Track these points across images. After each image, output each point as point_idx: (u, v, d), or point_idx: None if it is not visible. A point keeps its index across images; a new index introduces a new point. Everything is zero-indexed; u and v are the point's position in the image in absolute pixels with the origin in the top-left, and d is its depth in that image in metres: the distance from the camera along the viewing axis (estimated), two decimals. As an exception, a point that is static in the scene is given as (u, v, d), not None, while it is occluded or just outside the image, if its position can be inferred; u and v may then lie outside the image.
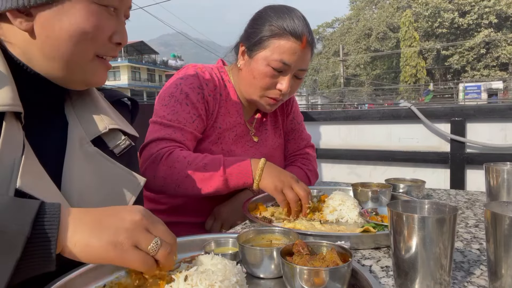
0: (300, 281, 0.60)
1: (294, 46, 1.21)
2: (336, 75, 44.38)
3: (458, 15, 35.23)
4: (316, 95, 37.77)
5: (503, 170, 1.02)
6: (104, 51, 0.77)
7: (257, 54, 1.25)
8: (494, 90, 22.75)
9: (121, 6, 0.77)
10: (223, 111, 1.33)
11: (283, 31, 1.21)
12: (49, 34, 0.72)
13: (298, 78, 1.31)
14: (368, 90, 41.61)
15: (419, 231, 0.60)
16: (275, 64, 1.22)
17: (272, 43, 1.22)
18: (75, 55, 0.73)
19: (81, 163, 0.77)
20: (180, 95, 1.25)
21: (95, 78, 0.79)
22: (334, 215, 1.07)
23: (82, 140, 0.79)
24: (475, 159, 1.90)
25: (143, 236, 0.57)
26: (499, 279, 0.60)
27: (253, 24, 1.30)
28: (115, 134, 0.86)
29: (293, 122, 1.56)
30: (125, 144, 0.86)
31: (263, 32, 1.24)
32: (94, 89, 0.88)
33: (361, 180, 1.24)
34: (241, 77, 1.33)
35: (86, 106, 0.84)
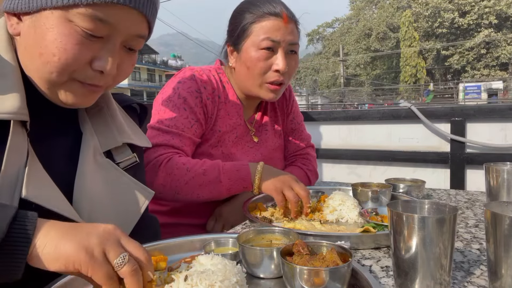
0: (300, 281, 0.60)
1: (277, 23, 1.22)
2: (336, 75, 44.39)
3: (458, 15, 35.23)
4: (316, 95, 37.77)
5: (503, 170, 1.02)
6: (82, 76, 0.70)
7: (243, 45, 1.26)
8: (494, 90, 22.75)
9: (114, 34, 0.70)
10: (222, 113, 1.32)
11: (261, 14, 1.23)
12: (26, 45, 0.69)
13: (293, 53, 1.28)
14: (368, 90, 41.61)
15: (419, 231, 0.60)
16: (264, 43, 1.22)
17: (254, 28, 1.23)
18: (46, 73, 0.68)
19: (94, 173, 0.77)
20: (178, 99, 1.24)
21: (71, 100, 0.72)
22: (334, 215, 1.07)
23: (96, 151, 0.79)
24: (475, 159, 1.90)
25: (113, 247, 0.55)
26: (499, 279, 0.60)
27: (232, 22, 1.31)
28: (124, 148, 0.86)
29: (293, 122, 1.56)
30: (131, 161, 0.86)
31: (242, 22, 1.25)
32: (112, 99, 0.88)
33: (361, 180, 1.24)
34: (236, 75, 1.33)
35: (102, 117, 0.84)
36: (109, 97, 0.87)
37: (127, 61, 0.76)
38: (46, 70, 0.68)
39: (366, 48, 43.22)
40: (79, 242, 0.53)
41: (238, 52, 1.28)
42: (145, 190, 0.86)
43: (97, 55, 0.70)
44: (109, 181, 0.79)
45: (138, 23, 0.72)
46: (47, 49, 0.66)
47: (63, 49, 0.66)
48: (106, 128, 0.83)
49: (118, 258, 0.54)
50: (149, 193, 0.86)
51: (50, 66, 0.67)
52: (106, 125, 0.83)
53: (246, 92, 1.34)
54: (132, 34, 0.73)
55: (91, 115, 0.83)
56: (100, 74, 0.71)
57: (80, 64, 0.69)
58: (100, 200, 0.77)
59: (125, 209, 0.81)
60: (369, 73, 43.63)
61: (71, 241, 0.53)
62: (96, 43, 0.69)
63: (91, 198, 0.75)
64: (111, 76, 0.73)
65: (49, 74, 0.68)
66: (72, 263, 0.53)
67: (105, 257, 0.54)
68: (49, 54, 0.66)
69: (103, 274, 0.53)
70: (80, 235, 0.54)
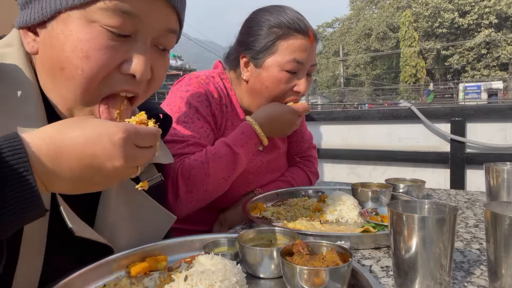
0: (300, 281, 0.60)
1: (303, 43, 1.17)
2: (336, 75, 44.39)
3: (458, 15, 35.24)
4: (316, 95, 37.77)
5: (503, 170, 1.02)
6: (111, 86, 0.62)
7: (266, 61, 1.19)
8: (494, 90, 22.75)
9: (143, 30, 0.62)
10: (229, 124, 1.28)
11: (287, 30, 1.17)
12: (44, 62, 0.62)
13: (309, 75, 1.26)
14: (368, 90, 41.62)
15: (419, 231, 0.60)
16: (289, 66, 1.17)
17: (280, 46, 1.17)
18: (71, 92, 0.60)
19: (117, 195, 0.75)
20: (190, 110, 1.18)
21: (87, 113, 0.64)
22: (334, 215, 1.07)
23: None
24: (475, 159, 1.90)
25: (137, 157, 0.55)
26: (499, 279, 0.60)
27: (249, 32, 1.23)
28: (150, 168, 0.82)
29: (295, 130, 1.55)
30: (157, 180, 0.82)
31: (265, 37, 1.18)
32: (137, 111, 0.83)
33: (361, 180, 1.24)
34: (250, 89, 1.26)
35: None
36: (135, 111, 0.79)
37: (160, 62, 0.68)
38: (71, 89, 0.60)
39: (366, 48, 43.21)
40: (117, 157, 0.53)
41: (257, 67, 1.22)
42: (168, 216, 0.83)
43: (126, 57, 0.61)
44: (132, 205, 0.77)
45: (168, 15, 0.65)
46: (69, 62, 0.58)
47: (87, 57, 0.58)
48: None
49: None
50: (171, 218, 0.84)
51: (75, 82, 0.59)
52: None
53: (252, 106, 1.29)
54: (162, 28, 0.65)
55: None
56: (132, 79, 0.63)
57: (109, 71, 0.60)
58: (122, 223, 0.75)
59: (147, 234, 0.79)
60: (369, 73, 43.63)
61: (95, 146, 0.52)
62: (124, 44, 0.61)
63: (113, 219, 0.73)
64: (145, 82, 0.65)
65: (75, 93, 0.60)
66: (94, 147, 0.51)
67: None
68: (72, 67, 0.58)
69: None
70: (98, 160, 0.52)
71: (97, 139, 0.51)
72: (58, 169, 0.49)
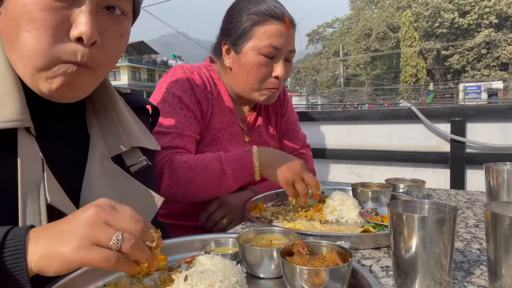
0: (300, 281, 0.60)
1: (279, 28, 1.21)
2: (336, 75, 44.39)
3: (458, 15, 35.24)
4: (316, 95, 37.79)
5: (503, 170, 1.02)
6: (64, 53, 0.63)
7: (244, 47, 1.23)
8: (494, 90, 22.75)
9: None
10: (216, 110, 1.30)
11: (263, 16, 1.21)
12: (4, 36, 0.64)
13: (288, 61, 1.29)
14: (368, 90, 41.61)
15: (419, 231, 0.60)
16: (266, 50, 1.21)
17: (257, 31, 1.21)
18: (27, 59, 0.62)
19: (101, 179, 0.74)
20: (173, 99, 1.22)
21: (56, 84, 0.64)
22: (334, 215, 1.07)
23: (103, 156, 0.76)
24: (475, 159, 1.90)
25: (102, 232, 0.53)
26: (499, 279, 0.60)
27: (230, 19, 1.28)
28: (134, 152, 0.82)
29: (288, 122, 1.55)
30: (142, 164, 0.83)
31: (243, 23, 1.23)
32: (119, 99, 0.84)
33: (361, 180, 1.24)
34: (233, 75, 1.31)
35: (110, 119, 0.80)
36: (115, 97, 0.82)
37: (113, 28, 0.67)
38: (26, 54, 0.62)
39: (366, 48, 43.21)
40: (68, 243, 0.52)
41: (237, 53, 1.26)
42: (155, 197, 0.83)
43: (72, 20, 0.62)
44: (117, 188, 0.77)
45: None
46: (21, 29, 0.60)
47: (33, 19, 0.60)
48: (113, 132, 0.79)
49: (112, 241, 0.52)
50: (159, 199, 0.83)
51: (28, 46, 0.61)
52: (113, 127, 0.79)
53: (241, 93, 1.32)
54: None
55: (98, 117, 0.79)
56: (82, 45, 0.63)
57: (58, 35, 0.61)
58: None
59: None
60: (369, 73, 43.63)
61: (60, 245, 0.52)
62: (68, 7, 0.62)
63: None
64: (97, 48, 0.64)
65: (30, 57, 0.62)
66: (70, 264, 0.52)
67: (98, 245, 0.52)
68: (24, 32, 0.60)
69: (104, 261, 0.52)
70: (66, 236, 0.53)
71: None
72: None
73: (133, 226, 0.55)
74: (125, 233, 0.53)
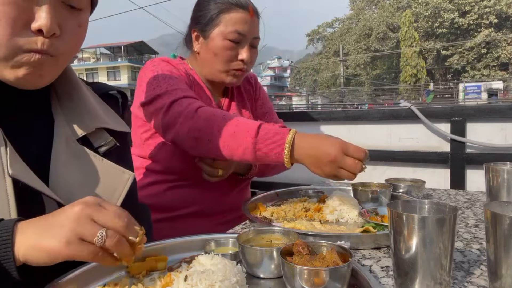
0: (300, 281, 0.60)
1: (244, 16, 1.29)
2: (336, 75, 44.39)
3: (458, 15, 35.22)
4: (316, 95, 37.81)
5: (503, 170, 1.02)
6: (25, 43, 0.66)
7: (211, 33, 1.31)
8: (494, 90, 22.73)
9: None
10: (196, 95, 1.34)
11: (229, 5, 1.29)
12: None
13: (254, 47, 1.36)
14: (368, 90, 41.61)
15: (419, 231, 0.60)
16: (232, 36, 1.28)
17: (223, 18, 1.29)
18: None
19: (68, 161, 0.76)
20: (160, 74, 1.25)
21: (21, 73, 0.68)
22: (334, 215, 1.07)
23: (68, 139, 0.78)
24: (475, 159, 1.90)
25: (87, 228, 0.56)
26: (499, 279, 0.60)
27: (199, 8, 1.35)
28: (101, 133, 0.85)
29: (263, 106, 1.61)
30: (110, 145, 0.85)
31: (211, 11, 1.30)
32: (82, 85, 0.86)
33: (361, 180, 1.24)
34: (201, 60, 1.37)
35: (73, 105, 0.83)
36: (77, 83, 0.85)
37: (72, 20, 0.71)
38: None
39: (366, 48, 43.21)
40: (54, 236, 0.56)
41: (205, 38, 1.33)
42: (125, 173, 0.83)
43: (32, 14, 0.66)
44: (84, 167, 0.79)
45: None
46: None
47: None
48: (77, 115, 0.82)
49: (96, 237, 0.56)
50: (129, 175, 0.84)
51: None
52: (77, 112, 0.82)
53: (209, 76, 1.38)
54: None
55: (62, 103, 0.82)
56: (41, 36, 0.67)
57: (18, 27, 0.65)
58: (77, 187, 0.76)
59: (105, 192, 0.80)
60: (369, 73, 43.62)
61: (47, 238, 0.56)
62: (29, 1, 0.65)
63: (67, 186, 0.75)
64: (57, 39, 0.69)
65: None
66: (57, 257, 0.56)
67: (84, 240, 0.56)
68: None
69: (88, 255, 0.56)
70: (54, 230, 0.56)
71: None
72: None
73: (117, 223, 0.58)
74: (109, 230, 0.57)
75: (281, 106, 23.36)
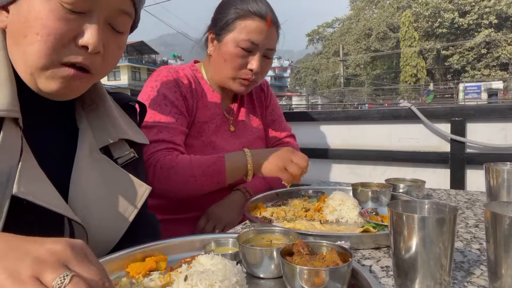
0: (300, 281, 0.60)
1: (260, 25, 1.27)
2: (336, 75, 44.38)
3: (458, 15, 35.22)
4: (316, 95, 37.81)
5: (503, 170, 1.02)
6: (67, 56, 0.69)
7: (225, 37, 1.29)
8: (494, 90, 22.72)
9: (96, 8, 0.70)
10: (200, 105, 1.36)
11: (247, 12, 1.27)
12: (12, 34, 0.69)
13: (267, 58, 1.35)
14: (368, 90, 41.60)
15: (419, 231, 0.60)
16: (244, 44, 1.27)
17: (238, 24, 1.27)
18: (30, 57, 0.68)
19: (90, 169, 0.77)
20: (158, 96, 1.27)
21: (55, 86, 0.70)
22: (334, 215, 1.07)
23: (92, 148, 0.80)
24: (475, 159, 1.90)
25: (50, 269, 0.44)
26: (499, 279, 0.60)
27: (219, 11, 1.34)
28: (121, 144, 0.86)
29: (272, 114, 1.61)
30: (129, 156, 0.87)
31: (228, 15, 1.29)
32: (108, 97, 0.88)
33: (361, 180, 1.24)
34: (212, 63, 1.37)
35: (98, 114, 0.84)
36: (104, 94, 0.87)
37: (114, 42, 0.75)
38: (31, 53, 0.67)
39: (366, 48, 43.20)
40: (6, 265, 0.44)
41: (219, 42, 1.32)
42: (142, 186, 0.85)
43: (80, 30, 0.69)
44: (105, 177, 0.79)
45: None
46: (31, 30, 0.66)
47: (45, 25, 0.66)
48: (101, 125, 0.83)
49: (56, 280, 0.43)
50: (146, 188, 0.86)
51: (34, 47, 0.67)
52: (101, 121, 0.84)
53: (218, 80, 1.38)
54: (115, 8, 0.72)
55: (87, 112, 0.84)
56: (85, 51, 0.70)
57: (64, 41, 0.68)
58: (96, 196, 0.77)
59: (121, 204, 0.81)
60: (369, 73, 43.61)
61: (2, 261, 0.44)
62: (79, 19, 0.69)
63: (86, 194, 0.75)
64: (98, 57, 0.72)
65: (34, 57, 0.67)
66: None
67: (38, 280, 0.44)
68: (33, 34, 0.66)
69: None
70: (11, 257, 0.45)
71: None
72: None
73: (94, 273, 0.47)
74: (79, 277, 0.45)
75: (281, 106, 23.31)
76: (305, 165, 1.16)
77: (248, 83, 1.33)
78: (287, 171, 1.15)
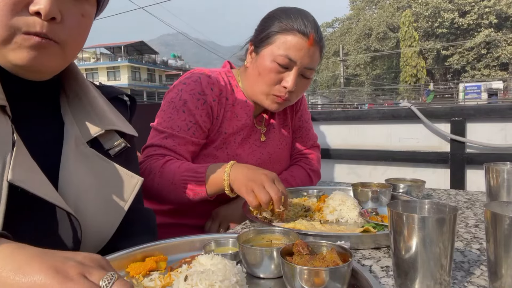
0: (300, 281, 0.60)
1: (301, 42, 1.20)
2: (336, 75, 44.39)
3: (458, 15, 35.24)
4: (316, 95, 37.80)
5: (503, 170, 1.02)
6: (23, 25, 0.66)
7: (263, 50, 1.25)
8: (494, 90, 22.71)
9: None
10: (229, 115, 1.31)
11: (290, 27, 1.20)
12: None
13: (305, 77, 1.28)
14: (368, 90, 41.61)
15: (419, 231, 0.60)
16: (281, 59, 1.20)
17: (278, 39, 1.21)
18: None
19: (78, 163, 0.76)
20: (179, 101, 1.24)
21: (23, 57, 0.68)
22: (334, 215, 1.07)
23: (78, 141, 0.78)
24: (475, 159, 1.90)
25: (95, 270, 0.46)
26: (499, 279, 0.60)
27: (262, 23, 1.29)
28: (111, 135, 0.85)
29: (300, 119, 1.55)
30: (121, 146, 0.85)
31: (271, 28, 1.24)
32: (91, 88, 0.86)
33: (361, 180, 1.24)
34: (248, 75, 1.32)
35: (82, 106, 0.83)
36: (86, 85, 0.85)
37: (74, 9, 0.71)
38: None
39: (366, 48, 43.21)
40: (51, 264, 0.45)
41: (257, 54, 1.28)
42: (134, 177, 0.84)
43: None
44: (94, 171, 0.78)
45: None
46: None
47: None
48: (86, 117, 0.82)
49: (104, 278, 0.45)
50: (138, 180, 0.84)
51: None
52: (86, 114, 0.82)
53: (250, 93, 1.33)
54: None
55: (71, 105, 0.82)
56: (41, 19, 0.66)
57: (18, 9, 0.65)
58: (86, 189, 0.76)
59: (114, 197, 0.80)
60: (369, 73, 43.62)
61: (40, 263, 0.45)
62: None
63: (76, 188, 0.74)
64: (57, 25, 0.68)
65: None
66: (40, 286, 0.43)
67: (86, 278, 0.45)
68: None
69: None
70: (54, 258, 0.46)
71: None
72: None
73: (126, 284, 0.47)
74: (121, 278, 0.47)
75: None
76: (276, 199, 0.97)
77: (281, 100, 1.27)
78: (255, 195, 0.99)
